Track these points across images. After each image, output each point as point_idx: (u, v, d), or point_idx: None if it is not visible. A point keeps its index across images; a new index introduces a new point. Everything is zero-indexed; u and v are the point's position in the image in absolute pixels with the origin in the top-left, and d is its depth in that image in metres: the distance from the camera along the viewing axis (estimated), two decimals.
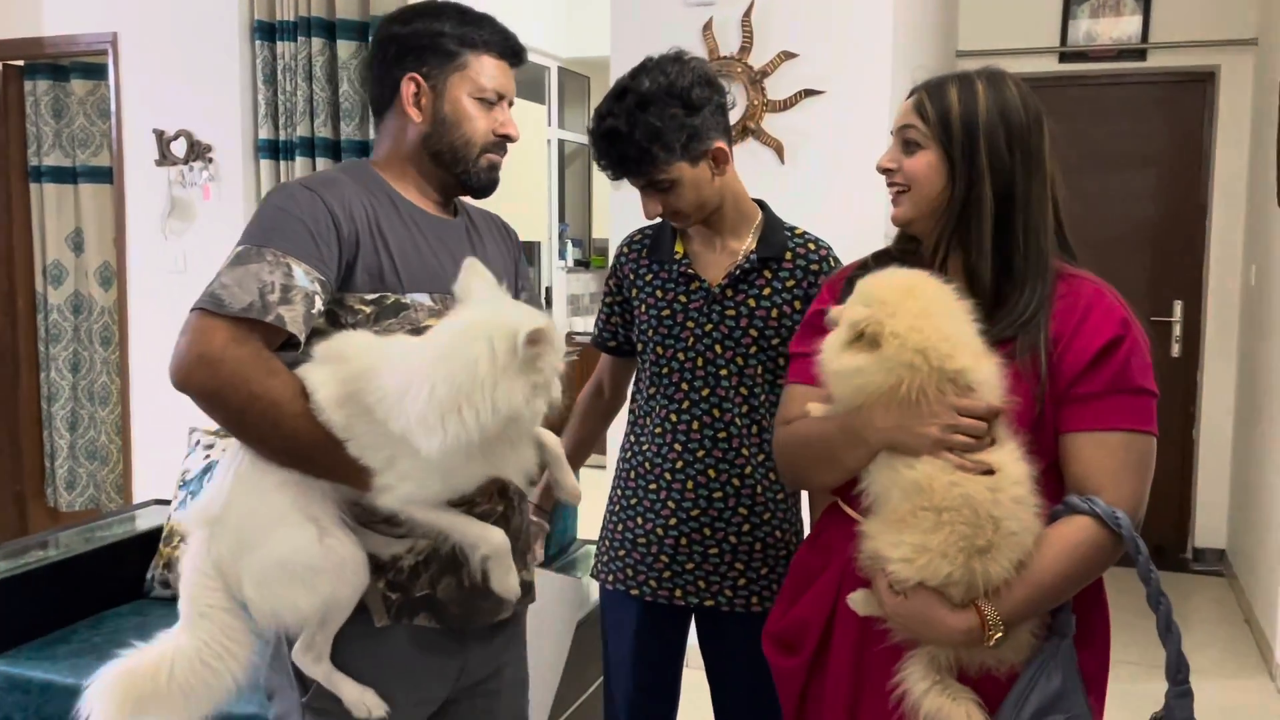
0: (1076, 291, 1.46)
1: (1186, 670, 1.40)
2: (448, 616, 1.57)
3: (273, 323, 1.38)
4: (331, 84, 3.91)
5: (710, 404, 1.88)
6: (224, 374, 1.36)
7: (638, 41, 3.56)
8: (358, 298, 1.50)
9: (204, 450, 2.95)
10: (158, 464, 4.20)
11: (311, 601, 1.43)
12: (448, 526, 1.45)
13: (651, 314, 1.92)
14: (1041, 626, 1.43)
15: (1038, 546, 1.36)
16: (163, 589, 2.83)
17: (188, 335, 1.39)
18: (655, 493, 1.92)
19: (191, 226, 4.17)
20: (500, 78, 1.63)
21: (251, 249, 1.43)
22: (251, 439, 1.43)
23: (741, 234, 1.91)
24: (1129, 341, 1.42)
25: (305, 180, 1.55)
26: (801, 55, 3.35)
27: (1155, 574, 1.38)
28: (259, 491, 1.44)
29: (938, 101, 1.47)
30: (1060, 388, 1.42)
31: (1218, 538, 5.02)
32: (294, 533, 1.42)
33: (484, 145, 1.63)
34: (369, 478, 1.41)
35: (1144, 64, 4.96)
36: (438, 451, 1.33)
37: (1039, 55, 5.00)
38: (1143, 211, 5.07)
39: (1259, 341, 4.44)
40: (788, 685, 1.61)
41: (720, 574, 1.90)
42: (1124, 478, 1.40)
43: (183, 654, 1.45)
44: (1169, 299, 5.04)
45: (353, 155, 3.90)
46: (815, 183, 3.34)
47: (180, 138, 4.10)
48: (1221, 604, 4.52)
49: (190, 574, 1.48)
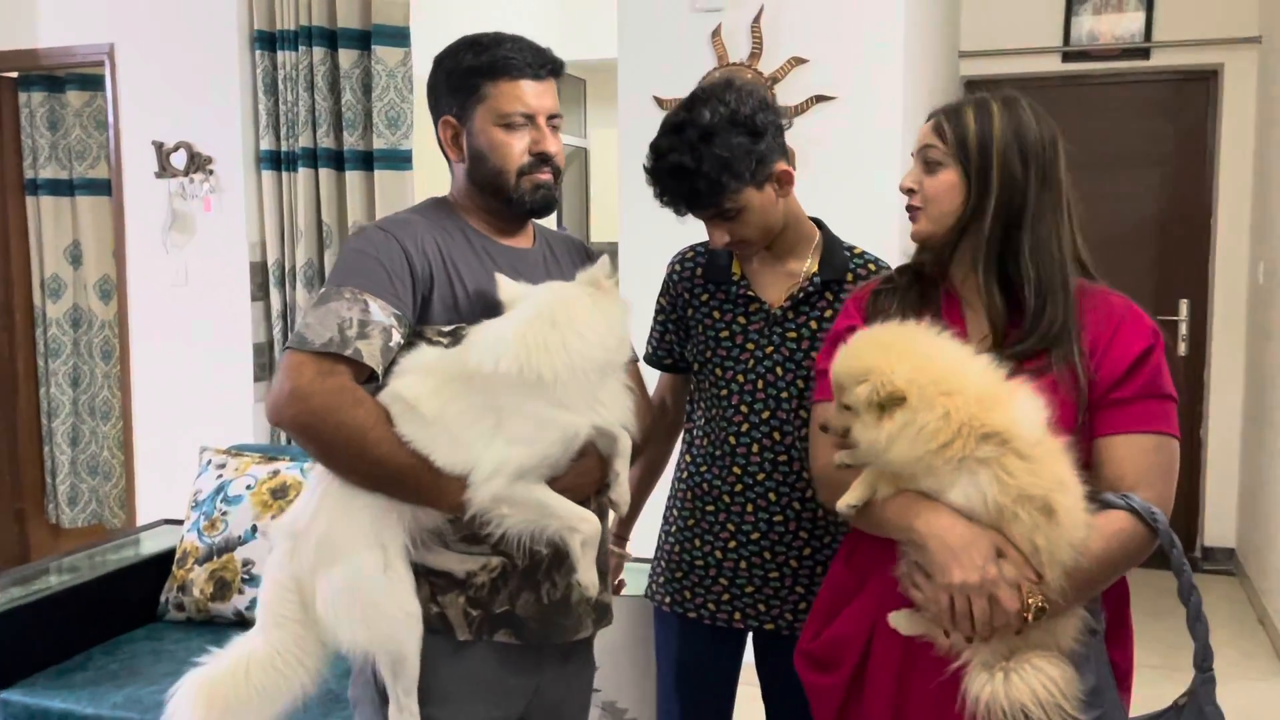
0: (1107, 304, 1.53)
1: (1212, 659, 1.47)
2: (527, 632, 1.62)
3: (351, 356, 1.47)
4: (334, 93, 3.87)
5: (770, 426, 1.86)
6: (313, 406, 1.45)
7: (645, 47, 3.54)
8: (435, 330, 1.57)
9: (216, 470, 2.91)
10: (163, 479, 4.16)
11: (368, 635, 1.51)
12: (550, 505, 1.50)
13: (709, 335, 1.90)
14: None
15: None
16: (177, 612, 2.78)
17: (280, 372, 1.49)
18: (714, 515, 1.90)
19: (192, 239, 4.13)
20: (528, 97, 1.64)
21: (331, 289, 1.53)
22: (340, 467, 1.51)
23: (801, 255, 1.88)
24: (1159, 349, 1.50)
25: (381, 222, 1.63)
26: (812, 61, 3.32)
27: (1188, 568, 1.45)
28: (343, 512, 1.52)
29: (955, 123, 1.55)
30: (1097, 394, 1.48)
31: (1227, 537, 5.02)
32: (365, 558, 1.50)
33: (520, 168, 1.65)
34: (459, 491, 1.47)
35: (1147, 63, 4.95)
36: (565, 367, 1.46)
37: (1042, 55, 4.99)
38: (1148, 210, 5.06)
39: (1267, 340, 4.43)
40: (824, 703, 1.62)
41: (781, 597, 1.88)
42: (1155, 478, 1.46)
43: (257, 658, 1.54)
44: (1175, 298, 5.03)
45: (357, 166, 3.86)
46: (828, 188, 3.29)
47: (180, 149, 4.05)
48: (1233, 603, 4.51)
49: (270, 583, 1.57)
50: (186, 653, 2.11)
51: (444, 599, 1.57)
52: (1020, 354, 1.49)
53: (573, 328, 1.48)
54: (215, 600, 2.74)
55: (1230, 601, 4.53)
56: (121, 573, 2.83)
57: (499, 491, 1.46)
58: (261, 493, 2.80)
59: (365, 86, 3.86)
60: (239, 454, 2.96)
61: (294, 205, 3.95)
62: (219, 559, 2.76)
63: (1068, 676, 1.38)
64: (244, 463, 2.91)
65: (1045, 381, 1.45)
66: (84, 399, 4.79)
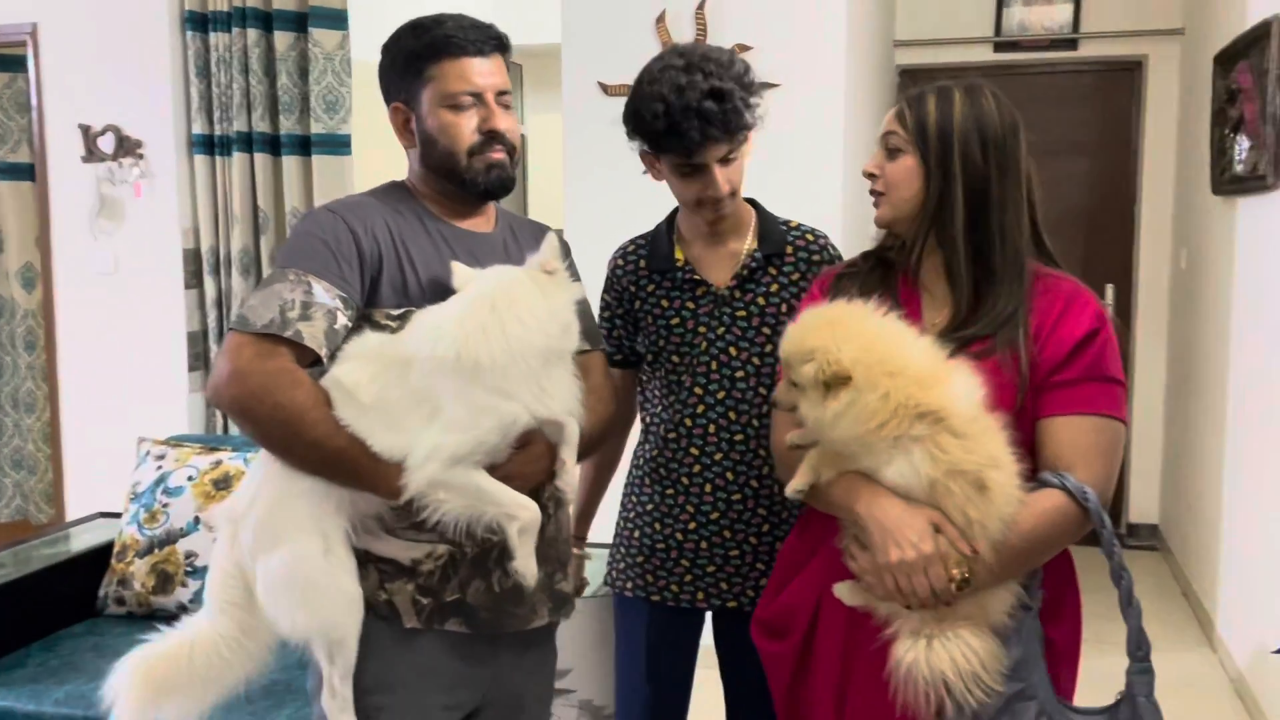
0: (1055, 288, 1.56)
1: (1148, 647, 1.49)
2: (479, 621, 1.60)
3: (291, 338, 1.45)
4: (269, 77, 3.79)
5: (726, 407, 1.88)
6: (251, 387, 1.44)
7: (589, 33, 3.53)
8: (383, 313, 1.56)
9: (155, 462, 2.84)
10: (93, 473, 4.04)
11: (307, 620, 1.50)
12: (488, 491, 1.49)
13: (660, 324, 1.91)
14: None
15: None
16: (117, 606, 2.72)
17: (222, 354, 1.48)
18: (673, 498, 1.92)
19: (122, 226, 4.01)
20: (471, 75, 1.61)
21: (277, 271, 1.52)
22: (277, 448, 1.49)
23: (741, 234, 1.91)
24: (1104, 333, 1.53)
25: (332, 204, 1.61)
26: (756, 48, 3.34)
27: (1119, 550, 1.47)
28: (283, 496, 1.50)
29: (917, 110, 1.56)
30: (1040, 376, 1.51)
31: (1150, 513, 5.20)
32: (305, 542, 1.49)
33: (471, 148, 1.63)
34: (396, 476, 1.46)
35: (1075, 53, 5.08)
36: (503, 353, 1.44)
37: (974, 45, 5.09)
38: (1076, 197, 5.20)
39: (1189, 324, 4.59)
40: (777, 669, 1.66)
41: (742, 575, 1.90)
42: (1094, 459, 1.49)
43: (202, 642, 1.53)
44: (1101, 282, 5.17)
45: (294, 151, 3.79)
46: (773, 174, 3.32)
47: (108, 133, 3.93)
48: (1158, 577, 4.67)
49: (215, 569, 1.57)
50: (129, 647, 2.04)
51: (392, 586, 1.56)
52: (967, 338, 1.52)
53: (513, 313, 1.47)
54: (157, 593, 2.68)
55: (1155, 576, 4.69)
56: (57, 568, 2.75)
57: (434, 476, 1.45)
58: (204, 484, 2.74)
59: (302, 70, 3.78)
60: (179, 444, 2.90)
61: (229, 191, 3.86)
62: (160, 551, 2.70)
63: (989, 649, 1.43)
64: (184, 453, 2.85)
65: (988, 363, 1.49)
66: (6, 391, 4.65)
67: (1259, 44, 3.25)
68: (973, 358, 1.49)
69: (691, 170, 1.80)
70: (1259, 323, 3.39)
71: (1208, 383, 4.12)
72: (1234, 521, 3.64)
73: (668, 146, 1.79)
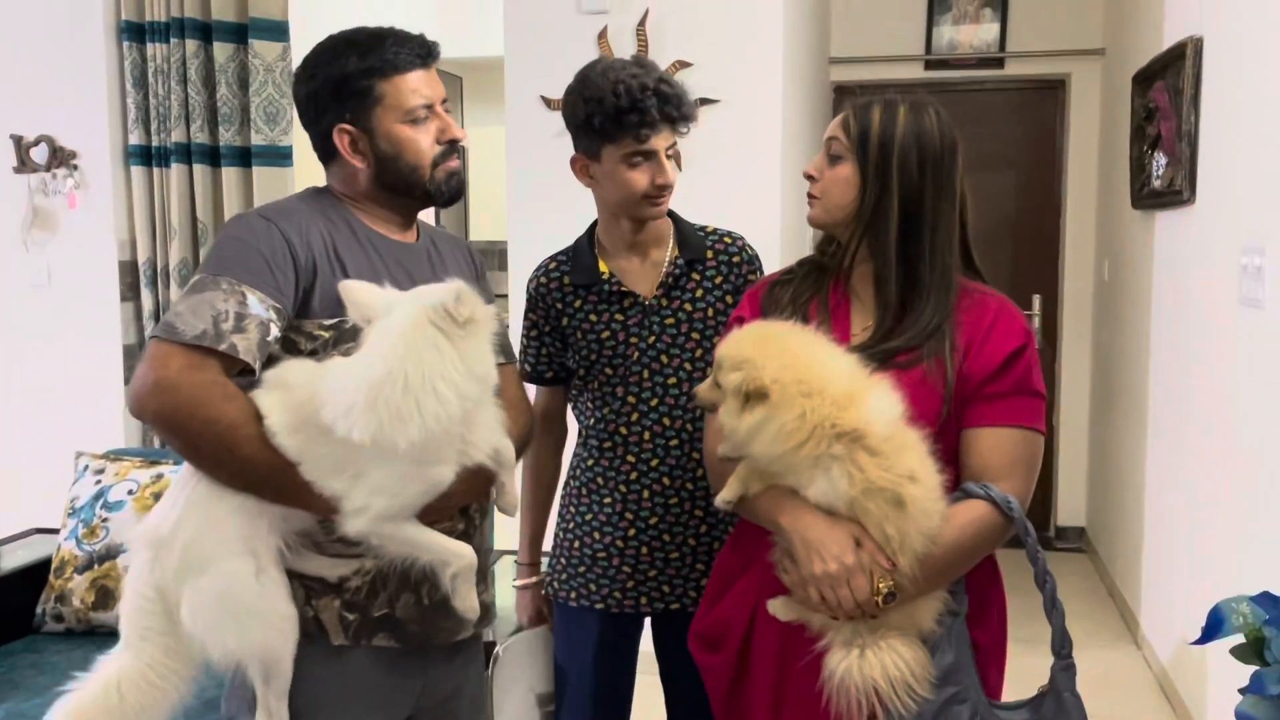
0: (983, 304, 1.60)
1: (1070, 645, 1.53)
2: (408, 635, 1.58)
3: (225, 351, 1.40)
4: (208, 87, 3.76)
5: (660, 414, 1.92)
6: (180, 400, 1.38)
7: (532, 48, 3.57)
8: (316, 324, 1.52)
9: (94, 476, 2.81)
10: (27, 488, 3.95)
11: (240, 644, 1.46)
12: (420, 542, 1.46)
13: (591, 338, 1.93)
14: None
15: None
16: (55, 623, 2.68)
17: (145, 363, 1.41)
18: (612, 506, 1.95)
19: (56, 237, 3.94)
20: (422, 88, 1.62)
21: (207, 278, 1.46)
22: (207, 464, 1.44)
23: (663, 244, 1.96)
24: (1031, 348, 1.58)
25: (262, 210, 1.57)
26: (696, 64, 3.42)
27: (1043, 555, 1.52)
28: (210, 517, 1.45)
29: (861, 120, 1.59)
30: (969, 389, 1.55)
31: (1077, 517, 5.36)
32: (236, 564, 1.43)
33: (434, 159, 1.63)
34: (328, 500, 1.43)
35: (1002, 71, 5.24)
36: (420, 437, 1.35)
37: (906, 62, 5.23)
38: (1003, 211, 5.36)
39: (1112, 333, 4.76)
40: (714, 680, 1.69)
41: (684, 576, 1.95)
42: (1017, 470, 1.54)
43: (128, 676, 1.46)
44: (1029, 293, 5.34)
45: (234, 162, 3.77)
46: (713, 190, 3.40)
47: (41, 143, 3.87)
48: (1085, 578, 4.83)
49: (131, 595, 1.49)
50: (69, 664, 2.05)
51: (319, 603, 1.54)
52: (894, 349, 1.55)
53: (427, 389, 1.36)
54: (97, 609, 2.65)
55: (1082, 577, 4.84)
56: None
57: (363, 530, 1.43)
58: (145, 497, 2.72)
59: (242, 81, 3.76)
60: (118, 458, 2.87)
61: (166, 202, 3.82)
62: (100, 567, 2.67)
63: (919, 658, 1.47)
64: (124, 467, 2.82)
65: (914, 374, 1.53)
66: None
67: (1174, 65, 3.39)
68: (898, 368, 1.53)
69: (643, 158, 1.84)
70: (1176, 332, 3.53)
71: (1129, 390, 4.28)
72: (1155, 524, 3.79)
73: (626, 125, 1.81)
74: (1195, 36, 3.22)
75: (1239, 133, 2.88)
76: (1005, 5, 5.16)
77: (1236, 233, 2.84)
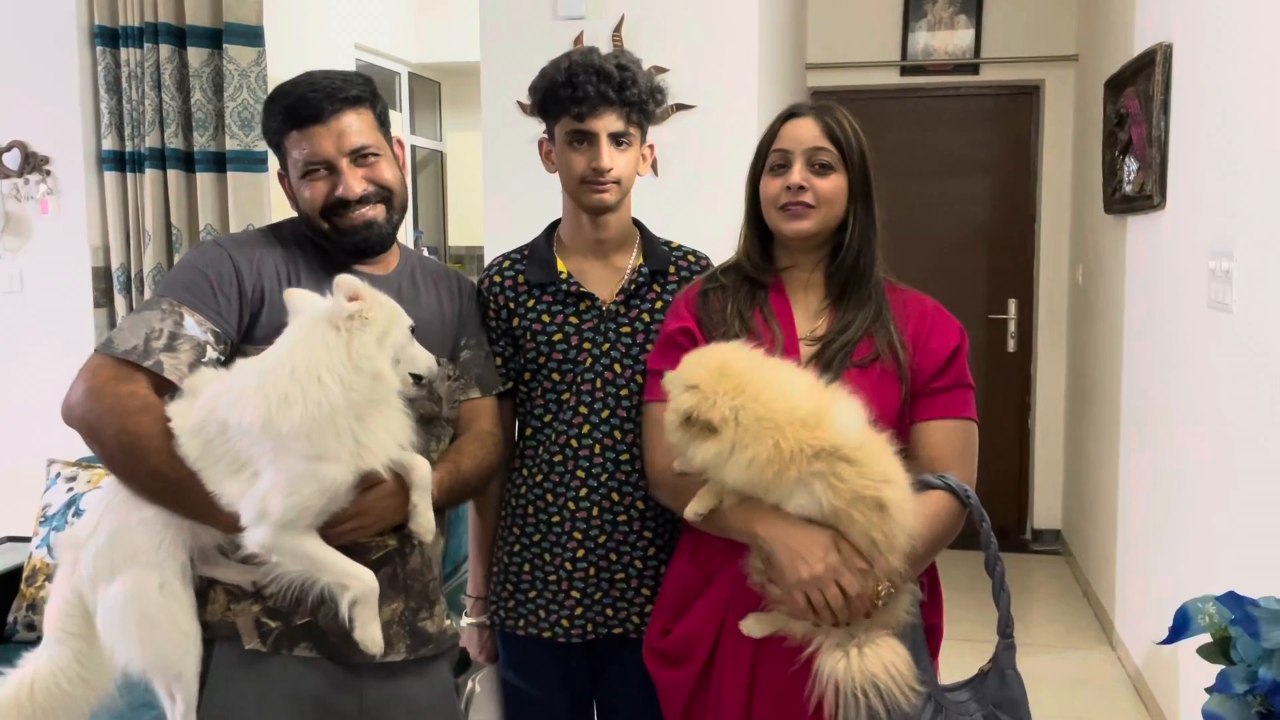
0: (921, 303, 1.71)
1: (1013, 626, 1.61)
2: (329, 646, 1.57)
3: (150, 367, 1.47)
4: (183, 92, 3.74)
5: (611, 426, 1.83)
6: (101, 408, 1.46)
7: (508, 53, 3.57)
8: (259, 349, 1.54)
9: (66, 484, 2.79)
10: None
11: (143, 654, 1.48)
12: (320, 558, 1.45)
13: (541, 340, 1.84)
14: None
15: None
16: (28, 631, 2.66)
17: (80, 371, 1.50)
18: (559, 525, 1.83)
19: (28, 244, 3.91)
20: (313, 143, 1.62)
21: (154, 298, 1.55)
22: (121, 473, 1.49)
23: (627, 250, 1.90)
24: (965, 344, 1.69)
25: (221, 238, 1.67)
26: (672, 70, 3.42)
27: (994, 540, 1.60)
28: (123, 526, 1.49)
29: (840, 129, 1.66)
30: (918, 384, 1.64)
31: (1053, 519, 5.40)
32: (140, 575, 1.47)
33: (323, 213, 1.65)
34: (230, 516, 1.45)
35: (977, 78, 5.28)
36: (303, 420, 1.38)
37: (882, 68, 5.26)
38: (979, 216, 5.40)
39: (1086, 336, 4.80)
40: (672, 697, 1.68)
41: (627, 600, 1.84)
42: (965, 458, 1.64)
43: (41, 676, 1.50)
44: (1004, 298, 5.39)
45: (209, 168, 3.75)
46: (688, 195, 3.42)
47: (13, 149, 3.84)
48: (1060, 580, 4.86)
49: (54, 597, 1.53)
50: None
51: (236, 607, 1.55)
52: (849, 342, 1.61)
53: (311, 375, 1.40)
54: None
55: (1058, 579, 4.87)
56: None
57: (264, 541, 1.42)
58: None
59: (216, 86, 3.74)
60: (90, 466, 2.84)
61: (140, 208, 3.80)
62: None
63: (904, 653, 1.49)
64: (97, 475, 2.80)
65: (871, 372, 1.60)
66: None
67: (1145, 71, 3.43)
68: (856, 367, 1.59)
69: (582, 139, 1.79)
70: (1148, 335, 3.56)
71: (1102, 393, 4.32)
72: (1129, 526, 3.82)
73: (562, 100, 1.77)
74: (1165, 43, 3.26)
75: (1208, 138, 2.91)
76: (980, 12, 5.20)
77: (1205, 237, 2.87)
